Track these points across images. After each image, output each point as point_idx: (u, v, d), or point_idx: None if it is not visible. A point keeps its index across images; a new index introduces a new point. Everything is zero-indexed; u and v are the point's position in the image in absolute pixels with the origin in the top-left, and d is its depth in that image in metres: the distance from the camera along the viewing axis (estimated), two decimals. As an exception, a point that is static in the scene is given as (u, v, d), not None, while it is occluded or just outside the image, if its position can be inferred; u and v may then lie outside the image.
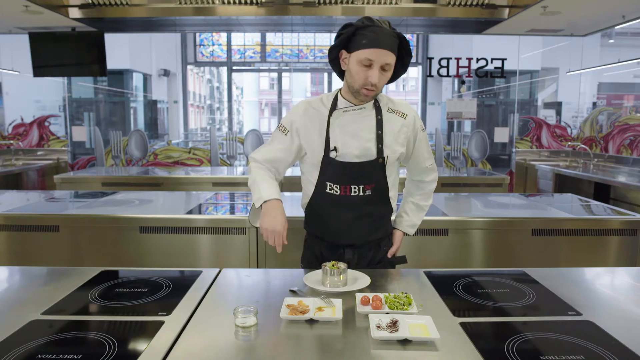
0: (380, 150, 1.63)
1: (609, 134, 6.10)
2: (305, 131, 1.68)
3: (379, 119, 1.64)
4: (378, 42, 1.49)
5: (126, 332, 1.20)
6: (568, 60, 6.57)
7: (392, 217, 1.84)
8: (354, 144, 1.63)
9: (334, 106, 1.66)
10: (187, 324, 1.24)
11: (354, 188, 1.65)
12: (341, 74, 1.68)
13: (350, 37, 1.53)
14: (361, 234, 1.72)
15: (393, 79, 1.65)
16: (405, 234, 1.87)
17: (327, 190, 1.67)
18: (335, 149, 1.63)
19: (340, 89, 1.69)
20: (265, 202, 1.59)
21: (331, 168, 1.65)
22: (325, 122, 1.65)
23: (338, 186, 1.65)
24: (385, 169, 1.67)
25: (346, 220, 1.68)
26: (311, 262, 1.81)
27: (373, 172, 1.65)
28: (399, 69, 1.61)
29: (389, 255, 1.81)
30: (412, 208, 1.85)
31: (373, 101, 1.66)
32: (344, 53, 1.58)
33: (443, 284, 1.53)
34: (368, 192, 1.66)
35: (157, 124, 8.75)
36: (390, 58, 1.52)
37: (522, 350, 1.08)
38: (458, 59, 6.08)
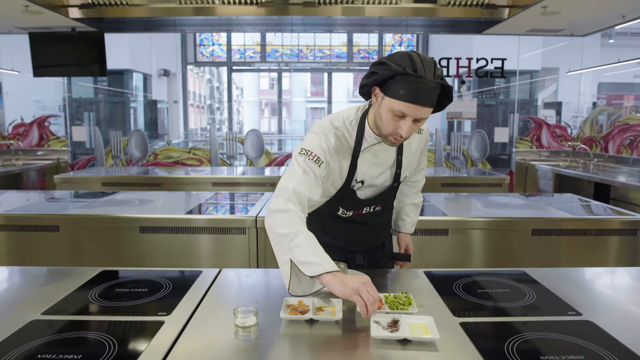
0: (397, 175, 1.60)
1: (609, 134, 6.10)
2: (331, 160, 1.49)
3: (399, 145, 1.57)
4: (418, 97, 1.29)
5: (126, 332, 1.20)
6: (568, 60, 6.57)
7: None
8: (377, 173, 1.56)
9: (360, 136, 1.50)
10: (187, 324, 1.24)
11: (366, 209, 1.62)
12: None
13: (387, 79, 1.33)
14: (369, 241, 1.73)
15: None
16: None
17: (339, 213, 1.62)
18: (362, 182, 1.55)
19: (365, 114, 1.51)
20: (328, 272, 1.26)
21: (348, 198, 1.58)
22: (350, 153, 1.51)
23: (351, 211, 1.61)
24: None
25: (355, 232, 1.67)
26: None
27: (387, 195, 1.64)
28: (435, 109, 1.41)
29: (410, 252, 1.85)
30: (412, 209, 1.86)
31: None
32: (376, 88, 1.38)
33: (443, 284, 1.53)
34: (378, 209, 1.65)
35: (157, 124, 8.75)
36: (427, 113, 1.34)
37: (522, 350, 1.08)
38: (458, 59, 6.08)
